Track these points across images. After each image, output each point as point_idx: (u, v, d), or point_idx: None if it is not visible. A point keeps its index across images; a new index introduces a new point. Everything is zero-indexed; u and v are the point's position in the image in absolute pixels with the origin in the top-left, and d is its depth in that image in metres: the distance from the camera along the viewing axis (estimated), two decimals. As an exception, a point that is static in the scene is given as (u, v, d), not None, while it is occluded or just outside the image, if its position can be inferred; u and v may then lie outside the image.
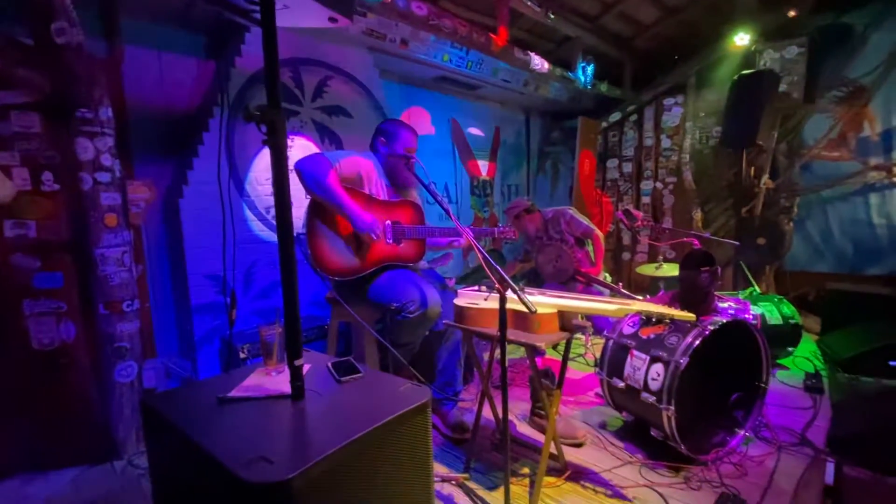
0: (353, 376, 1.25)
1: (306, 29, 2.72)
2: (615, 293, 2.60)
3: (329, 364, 1.32)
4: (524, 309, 1.35)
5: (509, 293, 1.37)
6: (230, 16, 1.81)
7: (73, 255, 1.91)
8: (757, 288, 3.61)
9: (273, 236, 2.78)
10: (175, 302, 2.63)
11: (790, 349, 2.87)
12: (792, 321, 2.82)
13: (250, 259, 2.72)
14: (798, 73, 4.20)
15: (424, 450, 1.11)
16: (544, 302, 1.56)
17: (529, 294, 1.55)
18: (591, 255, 3.24)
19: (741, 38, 4.19)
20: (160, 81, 2.52)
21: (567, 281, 2.90)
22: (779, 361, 2.87)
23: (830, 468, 2.05)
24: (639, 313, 1.95)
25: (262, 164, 2.74)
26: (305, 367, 1.17)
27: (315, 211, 1.91)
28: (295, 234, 1.60)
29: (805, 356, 2.91)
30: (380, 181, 2.08)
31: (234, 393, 1.16)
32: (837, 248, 4.25)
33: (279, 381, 1.21)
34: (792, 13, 4.20)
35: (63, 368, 1.93)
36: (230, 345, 2.01)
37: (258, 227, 2.76)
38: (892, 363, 2.55)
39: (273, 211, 2.95)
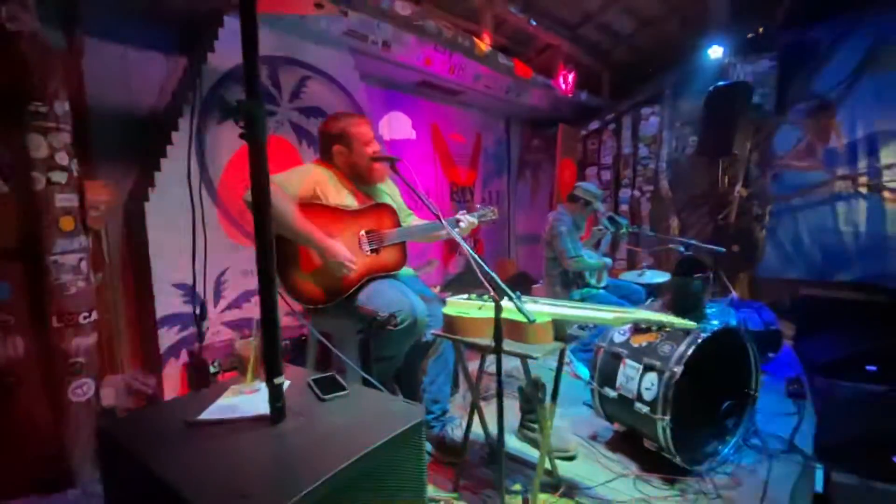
0: (338, 394, 1.14)
1: (288, 26, 2.60)
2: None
3: (310, 380, 1.21)
4: (519, 318, 1.28)
5: (504, 301, 1.30)
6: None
7: (23, 262, 1.73)
8: (736, 294, 3.66)
9: (246, 243, 2.63)
10: (138, 313, 2.45)
11: (771, 355, 2.90)
12: (772, 327, 2.86)
13: (221, 267, 2.57)
14: (769, 86, 4.35)
15: (418, 475, 1.02)
16: (539, 310, 1.50)
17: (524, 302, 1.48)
18: None
19: (714, 51, 4.30)
20: (126, 77, 2.36)
21: None
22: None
23: (819, 475, 2.05)
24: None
25: (235, 168, 2.60)
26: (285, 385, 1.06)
27: (278, 243, 1.73)
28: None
29: (784, 362, 2.94)
30: (341, 189, 1.91)
31: (203, 415, 1.04)
32: (807, 255, 4.37)
33: (256, 401, 1.10)
34: (760, 29, 4.35)
35: (10, 388, 1.74)
36: (199, 359, 1.87)
37: (230, 233, 2.61)
38: (868, 368, 2.61)
39: (247, 216, 2.75)
